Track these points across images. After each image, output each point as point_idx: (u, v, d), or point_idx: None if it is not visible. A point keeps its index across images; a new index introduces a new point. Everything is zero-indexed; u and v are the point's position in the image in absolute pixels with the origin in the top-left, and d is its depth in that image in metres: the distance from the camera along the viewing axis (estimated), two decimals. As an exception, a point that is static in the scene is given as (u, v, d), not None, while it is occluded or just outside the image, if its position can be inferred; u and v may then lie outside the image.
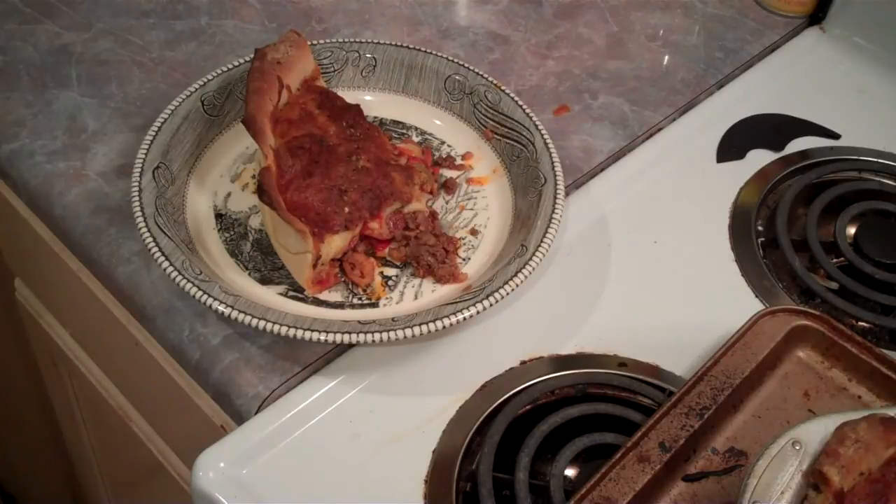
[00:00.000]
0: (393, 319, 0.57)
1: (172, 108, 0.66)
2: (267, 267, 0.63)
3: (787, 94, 0.82)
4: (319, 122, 0.64)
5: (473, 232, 0.66)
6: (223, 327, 0.60)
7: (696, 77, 0.81)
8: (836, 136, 0.78)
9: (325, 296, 0.62)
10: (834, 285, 0.67)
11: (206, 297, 0.56)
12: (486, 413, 0.57)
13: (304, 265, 0.60)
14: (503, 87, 0.71)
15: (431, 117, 0.73)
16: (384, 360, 0.60)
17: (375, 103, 0.73)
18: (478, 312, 0.57)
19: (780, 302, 0.65)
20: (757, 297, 0.65)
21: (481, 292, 0.58)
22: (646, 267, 0.67)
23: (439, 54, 0.73)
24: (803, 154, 0.76)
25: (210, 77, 0.69)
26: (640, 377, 0.59)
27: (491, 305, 0.58)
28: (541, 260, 0.60)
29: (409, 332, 0.56)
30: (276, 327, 0.55)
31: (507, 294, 0.58)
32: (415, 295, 0.62)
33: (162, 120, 0.65)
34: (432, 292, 0.62)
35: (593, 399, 0.59)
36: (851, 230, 0.71)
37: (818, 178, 0.74)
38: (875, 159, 0.76)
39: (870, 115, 0.81)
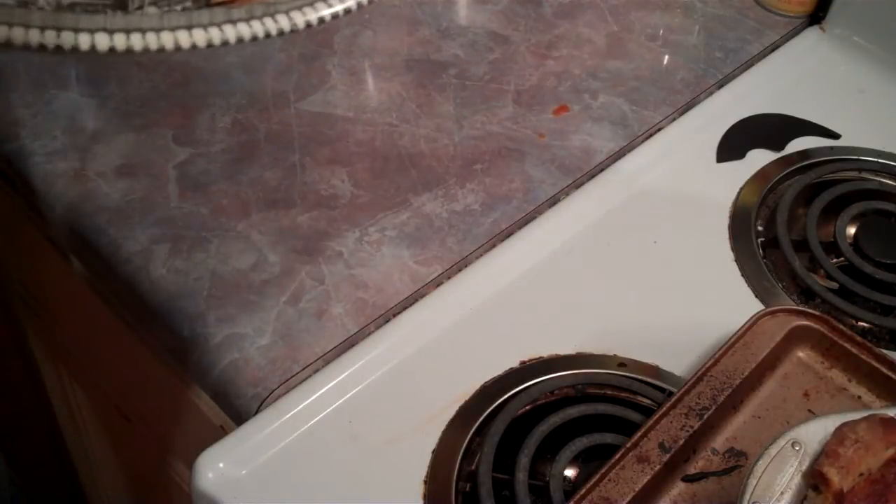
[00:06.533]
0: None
1: None
2: None
3: (787, 94, 0.82)
4: None
5: None
6: (223, 327, 0.60)
7: (696, 77, 0.81)
8: (836, 136, 0.78)
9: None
10: (834, 285, 0.67)
11: None
12: (485, 413, 0.57)
13: None
14: None
15: None
16: (384, 361, 0.60)
17: None
18: None
19: (780, 302, 0.65)
20: (757, 297, 0.65)
21: None
22: (646, 267, 0.67)
23: None
24: (803, 154, 0.76)
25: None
26: (640, 377, 0.59)
27: None
28: None
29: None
30: None
31: None
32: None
33: None
34: None
35: (593, 399, 0.58)
36: (851, 230, 0.71)
37: (818, 178, 0.74)
38: (875, 159, 0.76)
39: (870, 115, 0.81)
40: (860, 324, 0.65)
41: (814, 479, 0.46)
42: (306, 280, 0.64)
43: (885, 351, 0.57)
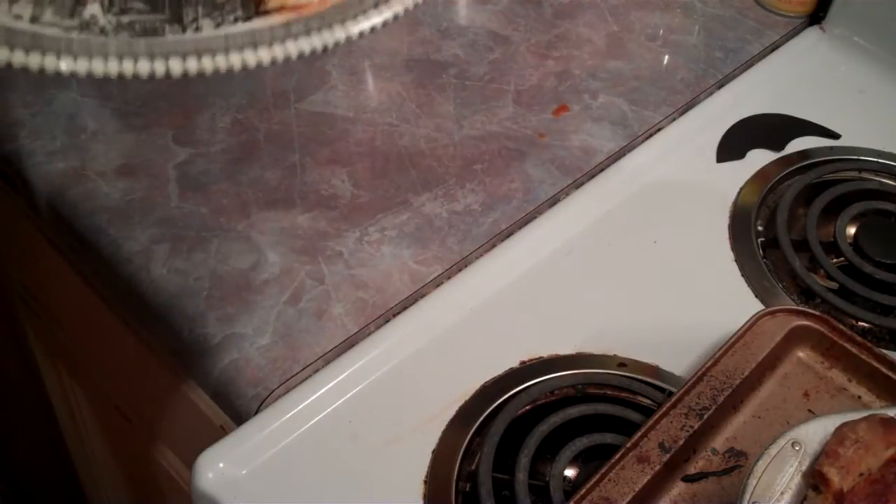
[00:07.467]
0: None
1: None
2: None
3: (787, 94, 0.82)
4: None
5: None
6: (223, 327, 0.60)
7: (696, 77, 0.81)
8: (836, 136, 0.78)
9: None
10: (834, 285, 0.67)
11: None
12: (485, 413, 0.57)
13: None
14: None
15: None
16: (384, 361, 0.60)
17: None
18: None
19: (780, 302, 0.65)
20: (757, 297, 0.65)
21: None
22: (646, 267, 0.67)
23: None
24: (803, 154, 0.76)
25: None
26: (640, 377, 0.59)
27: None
28: None
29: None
30: None
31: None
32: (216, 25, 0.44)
33: None
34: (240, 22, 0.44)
35: (593, 399, 0.58)
36: (851, 230, 0.71)
37: (818, 178, 0.74)
38: (875, 159, 0.76)
39: (870, 115, 0.81)
40: (860, 324, 0.65)
41: (814, 479, 0.46)
42: (306, 280, 0.64)
43: (885, 351, 0.57)
